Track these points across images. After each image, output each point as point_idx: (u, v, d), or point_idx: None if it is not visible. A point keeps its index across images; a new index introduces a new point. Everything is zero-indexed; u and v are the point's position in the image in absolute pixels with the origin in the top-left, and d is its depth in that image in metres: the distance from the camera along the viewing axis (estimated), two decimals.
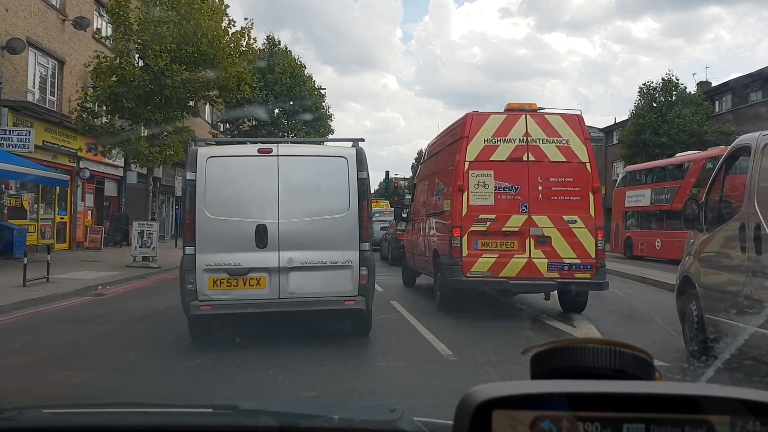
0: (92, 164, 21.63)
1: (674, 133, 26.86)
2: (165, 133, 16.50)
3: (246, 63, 17.60)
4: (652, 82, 30.17)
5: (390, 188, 34.46)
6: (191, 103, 17.62)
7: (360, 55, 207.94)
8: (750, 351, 5.35)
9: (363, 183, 6.59)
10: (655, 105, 29.21)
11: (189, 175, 6.47)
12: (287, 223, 6.40)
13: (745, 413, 0.62)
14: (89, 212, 22.98)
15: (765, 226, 5.18)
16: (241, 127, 33.60)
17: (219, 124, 35.43)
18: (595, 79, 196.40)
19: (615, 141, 42.06)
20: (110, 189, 25.59)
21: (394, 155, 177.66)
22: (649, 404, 0.63)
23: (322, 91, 35.71)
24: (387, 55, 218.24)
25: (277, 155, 6.57)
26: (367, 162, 6.72)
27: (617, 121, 43.23)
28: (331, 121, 36.81)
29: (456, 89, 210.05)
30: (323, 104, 35.88)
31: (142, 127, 16.44)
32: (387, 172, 32.08)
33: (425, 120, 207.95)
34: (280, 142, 6.93)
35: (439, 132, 11.02)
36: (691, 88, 30.94)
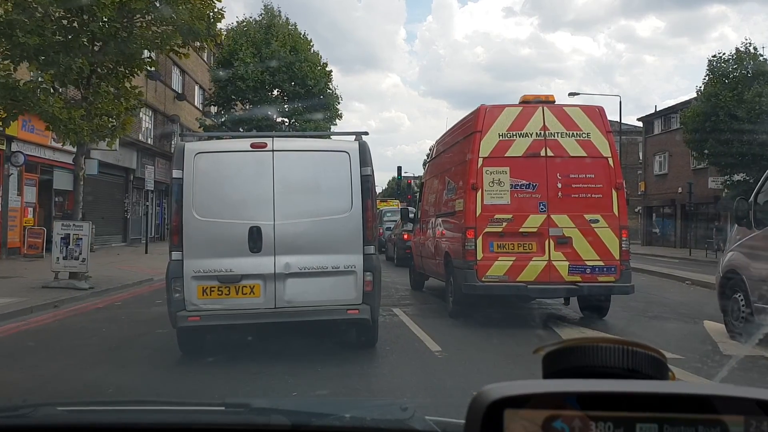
0: (31, 147, 17.09)
1: (755, 115, 21.94)
2: (99, 93, 11.49)
3: None
4: (723, 54, 25.07)
5: (403, 185, 32.44)
6: (148, 56, 12.29)
7: (364, 55, 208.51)
8: None
9: (367, 180, 6.03)
10: (727, 81, 24.06)
11: (176, 173, 5.88)
12: (284, 224, 5.86)
13: (759, 413, 0.62)
14: (29, 210, 17.97)
15: None
16: (232, 110, 29.70)
17: (210, 108, 31.72)
18: (599, 79, 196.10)
19: (656, 131, 38.61)
20: (63, 181, 19.61)
21: (400, 155, 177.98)
22: (662, 404, 0.63)
23: (328, 70, 30.42)
24: (391, 55, 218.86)
25: (272, 150, 5.99)
26: (371, 157, 6.14)
27: (657, 110, 39.76)
28: (339, 103, 31.26)
29: (460, 89, 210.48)
30: (330, 85, 30.57)
31: (58, 81, 11.33)
32: (399, 168, 30.27)
33: (430, 120, 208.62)
34: (276, 136, 6.45)
35: (449, 128, 10.43)
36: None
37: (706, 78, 25.33)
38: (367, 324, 6.09)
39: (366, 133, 6.41)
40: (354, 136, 6.43)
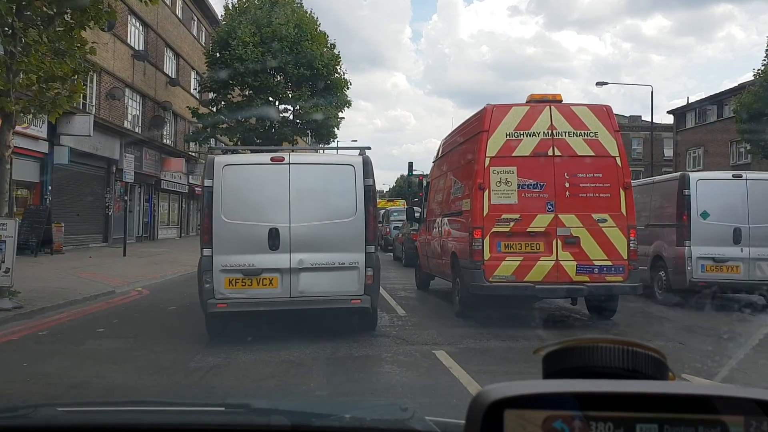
0: None
1: None
2: (29, 45, 8.58)
3: None
4: None
5: (414, 183, 30.02)
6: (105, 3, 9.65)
7: (369, 54, 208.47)
8: None
9: (369, 189, 7.03)
10: None
11: (207, 182, 6.88)
12: (298, 226, 6.81)
13: (759, 413, 0.62)
14: None
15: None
16: (229, 95, 26.72)
17: (206, 95, 28.92)
18: (606, 78, 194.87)
19: (690, 125, 36.31)
20: (27, 171, 17.65)
21: (406, 154, 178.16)
22: (662, 404, 0.63)
23: (336, 52, 26.93)
24: (396, 54, 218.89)
25: (289, 163, 7.01)
26: (373, 169, 7.13)
27: (690, 101, 37.06)
28: (347, 89, 27.57)
29: (465, 88, 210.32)
30: (337, 68, 26.88)
31: None
32: (410, 164, 28.70)
33: (436, 119, 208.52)
34: (292, 151, 7.82)
35: (455, 127, 10.40)
36: None
37: (766, 60, 22.83)
38: (368, 312, 7.05)
39: (368, 148, 7.37)
40: (358, 151, 7.38)
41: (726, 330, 7.25)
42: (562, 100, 8.38)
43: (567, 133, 7.95)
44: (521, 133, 7.95)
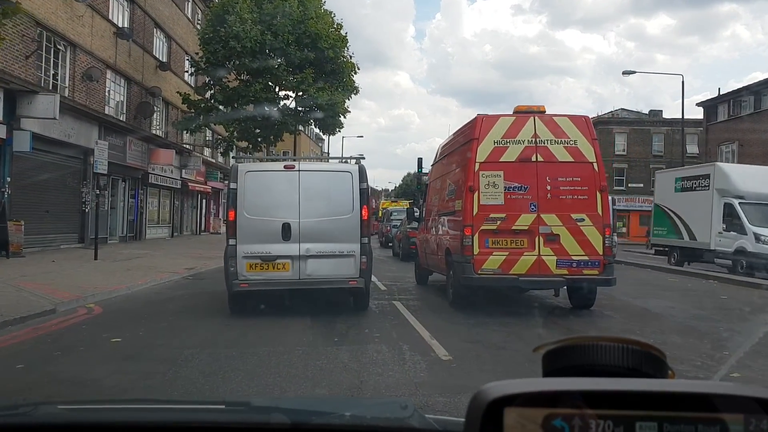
0: None
1: None
2: None
3: None
4: None
5: (424, 181, 28.12)
6: None
7: (372, 53, 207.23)
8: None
9: (364, 192, 8.51)
10: None
11: (232, 185, 8.37)
12: (306, 222, 8.25)
13: (758, 412, 0.62)
14: None
15: None
16: (224, 79, 24.28)
17: (203, 77, 26.30)
18: (610, 78, 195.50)
19: (722, 118, 33.34)
20: None
21: (410, 153, 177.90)
22: (662, 402, 0.63)
23: (343, 33, 24.18)
24: (400, 53, 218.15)
25: (299, 170, 8.49)
26: (367, 175, 8.63)
27: (721, 93, 33.93)
28: (355, 73, 24.93)
29: (469, 87, 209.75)
30: (345, 51, 24.33)
31: None
32: (420, 159, 27.05)
33: (440, 118, 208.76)
34: (301, 160, 9.42)
35: (450, 134, 11.28)
36: None
37: None
38: (362, 291, 8.55)
39: (363, 158, 9.12)
40: (355, 161, 9.04)
41: None
42: (545, 111, 9.23)
43: (549, 141, 8.80)
44: (508, 140, 8.81)
